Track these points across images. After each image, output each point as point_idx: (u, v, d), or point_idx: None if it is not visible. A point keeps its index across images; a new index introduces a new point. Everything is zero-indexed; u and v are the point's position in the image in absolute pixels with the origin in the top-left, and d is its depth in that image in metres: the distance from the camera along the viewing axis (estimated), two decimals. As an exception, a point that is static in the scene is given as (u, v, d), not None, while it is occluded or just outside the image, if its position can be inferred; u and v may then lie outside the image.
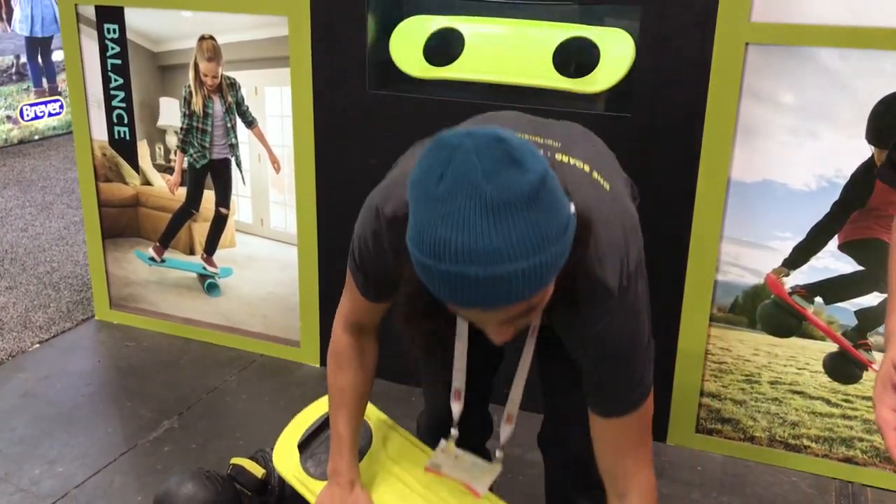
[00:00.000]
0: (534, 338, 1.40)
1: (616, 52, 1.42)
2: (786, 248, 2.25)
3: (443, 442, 1.52)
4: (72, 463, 2.38)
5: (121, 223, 3.13)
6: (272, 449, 2.10)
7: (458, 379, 1.48)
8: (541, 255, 0.98)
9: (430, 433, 1.66)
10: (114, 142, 3.03)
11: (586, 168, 1.26)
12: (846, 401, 2.31)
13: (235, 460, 2.08)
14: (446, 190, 0.97)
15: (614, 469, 1.35)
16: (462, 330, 1.44)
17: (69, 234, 4.22)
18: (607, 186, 1.27)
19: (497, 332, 1.11)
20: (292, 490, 2.04)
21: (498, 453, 1.51)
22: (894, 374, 1.10)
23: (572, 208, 1.06)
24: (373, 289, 1.40)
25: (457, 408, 1.51)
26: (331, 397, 1.52)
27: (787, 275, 2.27)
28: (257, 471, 2.04)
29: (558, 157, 1.26)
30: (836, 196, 2.17)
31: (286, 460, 1.72)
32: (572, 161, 1.26)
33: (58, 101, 6.38)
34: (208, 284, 3.05)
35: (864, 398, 2.28)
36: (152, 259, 3.11)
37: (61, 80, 6.27)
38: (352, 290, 1.45)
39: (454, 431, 1.52)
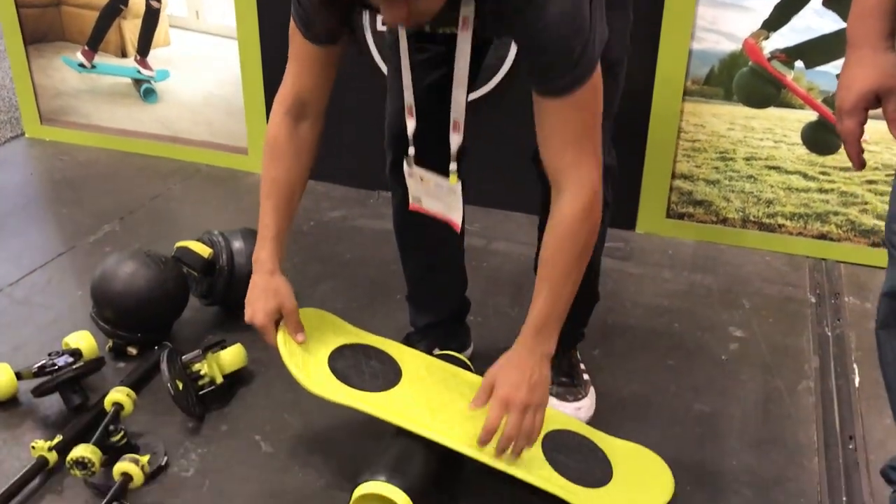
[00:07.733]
0: (467, 35, 1.28)
1: None
2: (765, 8, 2.09)
3: (406, 166, 1.50)
4: (3, 264, 2.21)
5: (43, 25, 2.85)
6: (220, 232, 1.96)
7: (408, 96, 1.43)
8: None
9: (392, 143, 1.58)
10: (27, -68, 2.73)
11: None
12: (823, 173, 2.21)
13: (181, 243, 1.94)
14: None
15: (556, 162, 1.27)
16: (403, 47, 1.40)
17: (-9, 55, 3.90)
18: None
19: (388, 9, 1.08)
20: (240, 269, 1.91)
21: (452, 166, 1.44)
22: (872, 101, 1.13)
23: None
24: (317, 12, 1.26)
25: (411, 124, 1.46)
26: (262, 187, 1.46)
27: (767, 38, 2.12)
28: (203, 251, 1.89)
29: None
30: (821, -56, 2.00)
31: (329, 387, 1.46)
32: None
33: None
34: (144, 90, 2.82)
35: (841, 169, 2.19)
36: (82, 65, 2.86)
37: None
38: (295, 41, 1.38)
39: (411, 150, 1.48)
